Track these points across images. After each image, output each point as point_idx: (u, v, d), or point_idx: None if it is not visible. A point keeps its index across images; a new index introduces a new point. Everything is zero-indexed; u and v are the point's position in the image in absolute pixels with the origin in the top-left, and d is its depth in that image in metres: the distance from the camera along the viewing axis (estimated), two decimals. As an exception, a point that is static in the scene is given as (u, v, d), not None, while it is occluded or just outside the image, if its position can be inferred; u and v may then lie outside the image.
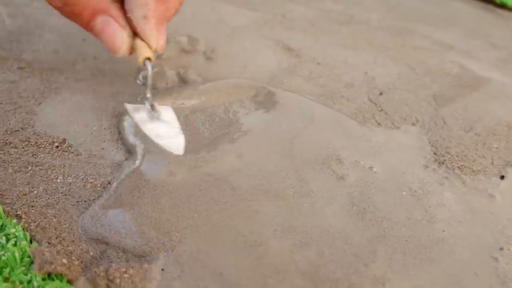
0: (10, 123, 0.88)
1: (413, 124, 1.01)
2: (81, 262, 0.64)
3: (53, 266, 0.60)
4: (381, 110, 1.04)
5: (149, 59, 0.86)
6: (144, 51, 0.85)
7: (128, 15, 0.83)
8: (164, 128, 0.88)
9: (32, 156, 0.82)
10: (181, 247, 0.68)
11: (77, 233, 0.69)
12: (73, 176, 0.79)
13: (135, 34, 0.86)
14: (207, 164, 0.81)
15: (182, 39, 1.21)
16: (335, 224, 0.75)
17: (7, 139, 0.84)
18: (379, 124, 1.00)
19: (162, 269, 0.64)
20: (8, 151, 0.82)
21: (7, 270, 0.60)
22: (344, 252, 0.70)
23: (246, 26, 1.36)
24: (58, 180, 0.78)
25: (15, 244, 0.64)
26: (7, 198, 0.72)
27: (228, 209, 0.74)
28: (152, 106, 0.89)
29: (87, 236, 0.68)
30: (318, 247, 0.70)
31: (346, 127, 0.96)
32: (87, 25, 0.85)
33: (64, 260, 0.62)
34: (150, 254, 0.66)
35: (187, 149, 0.85)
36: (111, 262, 0.65)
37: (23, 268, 0.61)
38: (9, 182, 0.76)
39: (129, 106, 0.93)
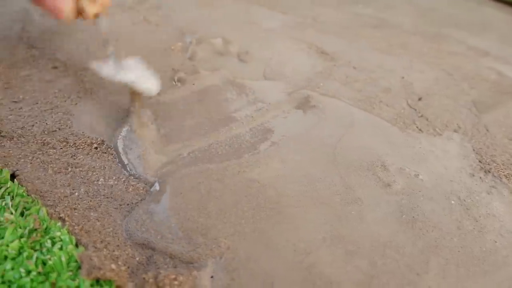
0: (47, 123, 0.86)
1: (455, 131, 0.98)
2: (128, 267, 0.62)
3: (101, 272, 0.58)
4: (421, 116, 1.01)
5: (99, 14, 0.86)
6: (91, 8, 0.85)
7: None
8: (134, 75, 0.90)
9: (71, 157, 0.80)
10: (229, 254, 0.65)
11: (122, 237, 0.67)
12: (114, 178, 0.77)
13: None
14: (251, 169, 0.79)
15: (216, 41, 1.19)
16: (384, 232, 0.72)
17: (45, 139, 0.82)
18: (420, 130, 0.97)
19: (212, 277, 0.62)
20: (47, 152, 0.80)
21: (54, 275, 0.58)
22: (397, 262, 0.68)
23: (278, 29, 1.34)
24: (99, 182, 0.76)
25: (61, 248, 0.61)
26: (48, 200, 0.70)
27: (275, 216, 0.72)
28: (117, 59, 0.90)
29: (132, 241, 0.66)
30: (369, 257, 0.68)
31: (387, 133, 0.94)
32: None
33: (113, 266, 0.60)
34: (198, 260, 0.64)
35: (230, 153, 0.82)
36: (158, 268, 0.63)
37: (70, 273, 0.59)
38: (49, 183, 0.74)
39: (96, 65, 0.91)
